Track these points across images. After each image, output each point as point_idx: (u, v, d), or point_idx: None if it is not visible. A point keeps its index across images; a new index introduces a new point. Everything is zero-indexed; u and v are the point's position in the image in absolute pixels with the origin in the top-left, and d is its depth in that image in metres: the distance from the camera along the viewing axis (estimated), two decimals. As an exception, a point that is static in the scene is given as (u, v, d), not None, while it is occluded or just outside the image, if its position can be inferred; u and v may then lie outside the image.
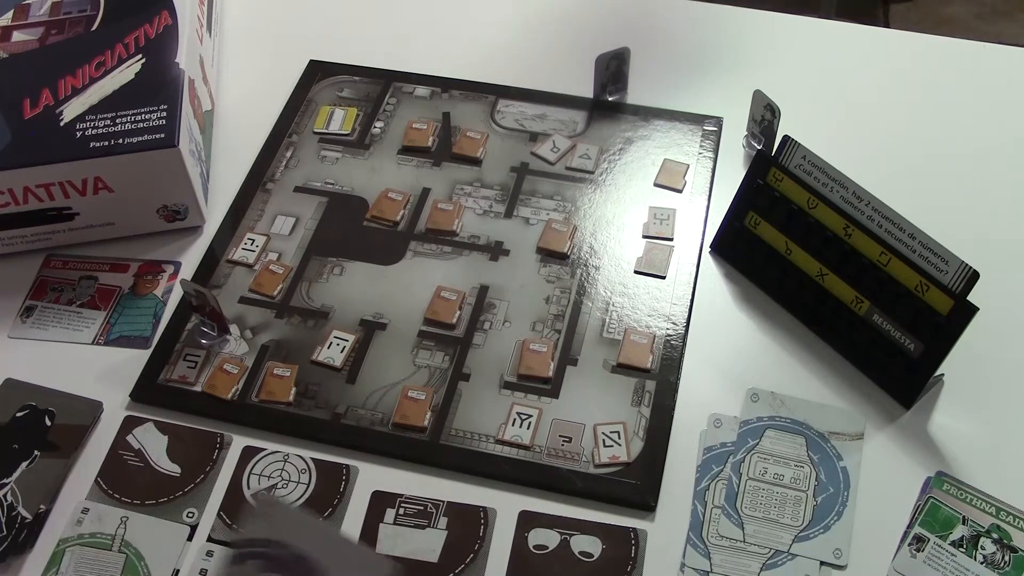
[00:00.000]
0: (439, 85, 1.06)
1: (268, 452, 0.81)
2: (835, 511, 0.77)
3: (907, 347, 0.81)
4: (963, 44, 1.10)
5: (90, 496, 0.79)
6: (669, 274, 0.91)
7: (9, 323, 0.89)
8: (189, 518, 0.78)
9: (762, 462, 0.79)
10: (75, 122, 0.89)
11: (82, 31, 0.97)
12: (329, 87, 1.07)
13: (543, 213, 0.95)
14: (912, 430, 0.82)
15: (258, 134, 1.02)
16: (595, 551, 0.76)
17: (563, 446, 0.81)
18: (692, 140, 1.00)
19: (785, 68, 1.07)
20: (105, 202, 0.90)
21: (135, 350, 0.87)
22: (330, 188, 0.98)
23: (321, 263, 0.92)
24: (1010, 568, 0.73)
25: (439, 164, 1.00)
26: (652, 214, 0.95)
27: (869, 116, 1.03)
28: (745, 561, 0.75)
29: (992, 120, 1.02)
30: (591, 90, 1.04)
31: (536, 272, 0.91)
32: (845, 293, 0.84)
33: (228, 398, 0.84)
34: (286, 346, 0.87)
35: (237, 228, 0.95)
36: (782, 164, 0.85)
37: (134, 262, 0.93)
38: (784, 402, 0.82)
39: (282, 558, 0.63)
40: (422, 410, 0.83)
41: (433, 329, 0.88)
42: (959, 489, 0.77)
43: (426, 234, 0.94)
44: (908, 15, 2.22)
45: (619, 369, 0.85)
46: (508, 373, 0.85)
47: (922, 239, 0.78)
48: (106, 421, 0.83)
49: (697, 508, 0.77)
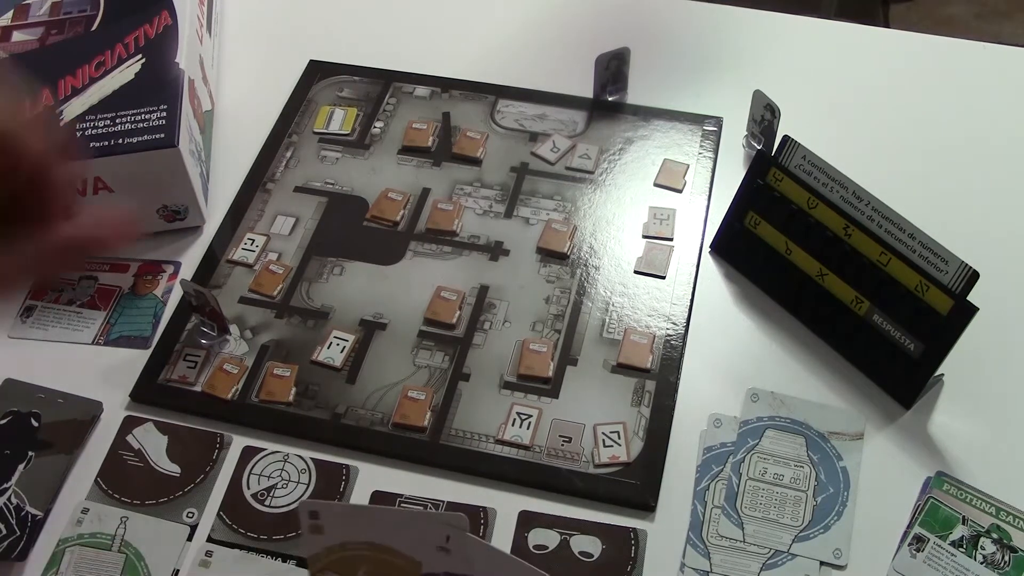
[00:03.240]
0: (439, 85, 1.06)
1: (268, 452, 0.81)
2: (835, 511, 0.77)
3: (907, 347, 0.81)
4: (963, 44, 1.10)
5: (90, 496, 0.79)
6: (669, 274, 0.91)
7: (9, 323, 0.89)
8: (189, 518, 0.78)
9: (762, 462, 0.79)
10: (75, 122, 0.89)
11: (82, 31, 0.97)
12: (329, 87, 1.07)
13: (543, 213, 0.95)
14: (912, 430, 0.82)
15: (258, 134, 1.02)
16: (595, 551, 0.76)
17: (563, 446, 0.81)
18: (692, 140, 1.00)
19: (785, 68, 1.07)
20: (105, 202, 0.90)
21: (135, 350, 0.87)
22: (330, 188, 0.98)
23: (321, 263, 0.92)
24: (1010, 568, 0.73)
25: (439, 164, 1.00)
26: (652, 214, 0.95)
27: (869, 116, 1.03)
28: (745, 561, 0.75)
29: (992, 120, 1.02)
30: (591, 90, 1.04)
31: (536, 272, 0.91)
32: (845, 293, 0.84)
33: (228, 398, 0.84)
34: (286, 346, 0.87)
35: (237, 228, 0.95)
36: (782, 164, 0.85)
37: (134, 262, 0.93)
38: (784, 402, 0.82)
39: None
40: (422, 410, 0.83)
41: (433, 329, 0.88)
42: (959, 489, 0.77)
43: (426, 234, 0.94)
44: (908, 15, 2.22)
45: (619, 369, 0.85)
46: (508, 373, 0.85)
47: (922, 239, 0.78)
48: (106, 421, 0.83)
49: (697, 508, 0.77)
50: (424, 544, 0.60)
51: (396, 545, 0.61)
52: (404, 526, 0.61)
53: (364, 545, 0.62)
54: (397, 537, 0.61)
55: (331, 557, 0.63)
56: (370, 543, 0.62)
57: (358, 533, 0.62)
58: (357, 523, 0.62)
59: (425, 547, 0.60)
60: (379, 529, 0.62)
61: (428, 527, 0.60)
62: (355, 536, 0.62)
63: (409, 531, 0.61)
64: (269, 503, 0.79)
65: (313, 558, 0.64)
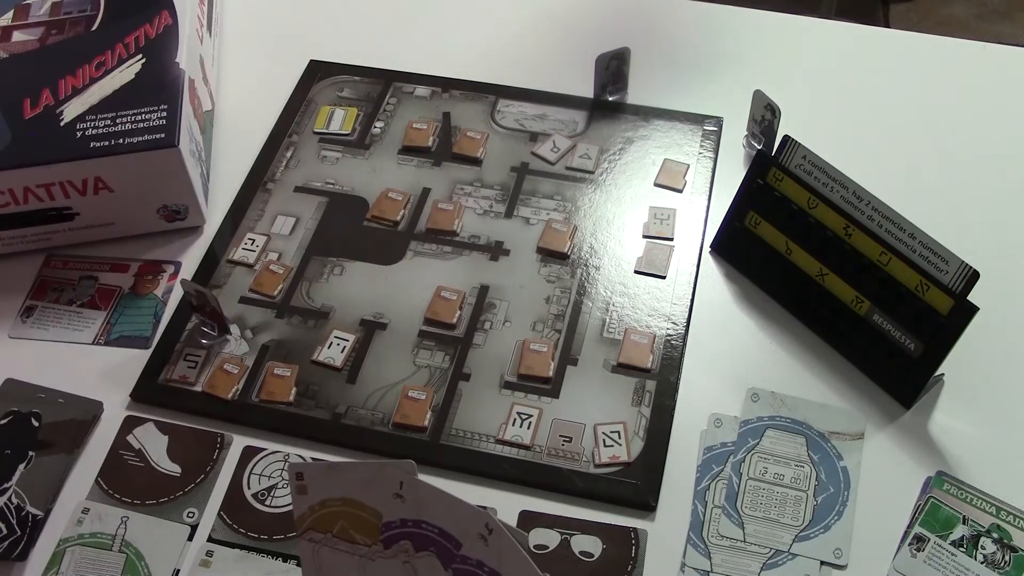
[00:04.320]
0: (439, 85, 1.06)
1: (268, 452, 0.81)
2: (835, 511, 0.77)
3: (907, 347, 0.81)
4: (963, 44, 1.10)
5: (90, 496, 0.79)
6: (669, 274, 0.91)
7: (9, 323, 0.89)
8: (189, 518, 0.78)
9: (762, 462, 0.79)
10: (75, 122, 0.89)
11: (82, 31, 0.97)
12: (329, 87, 1.07)
13: (543, 213, 0.95)
14: (912, 430, 0.82)
15: (258, 134, 1.02)
16: (595, 551, 0.76)
17: (563, 446, 0.81)
18: (692, 140, 1.00)
19: (785, 68, 1.07)
20: (105, 202, 0.91)
21: (135, 350, 0.87)
22: (330, 188, 0.98)
23: (321, 263, 0.92)
24: (1010, 568, 0.73)
25: (439, 164, 1.00)
26: (652, 214, 0.95)
27: (869, 116, 1.03)
28: (745, 561, 0.75)
29: (992, 120, 1.02)
30: (591, 90, 1.04)
31: (536, 272, 0.91)
32: (845, 293, 0.84)
33: (228, 398, 0.84)
34: (286, 346, 0.87)
35: (237, 228, 0.95)
36: (782, 164, 0.85)
37: (134, 262, 0.93)
38: (784, 402, 0.82)
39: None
40: (422, 410, 0.83)
41: (433, 329, 0.88)
42: (959, 489, 0.77)
43: (426, 234, 0.94)
44: (908, 15, 2.22)
45: (619, 369, 0.85)
46: (508, 373, 0.85)
47: (922, 239, 0.78)
48: (106, 421, 0.83)
49: (697, 508, 0.77)
50: (384, 494, 0.62)
51: (363, 499, 0.63)
52: (369, 479, 0.63)
53: (340, 501, 0.64)
54: (364, 491, 0.63)
55: (314, 516, 0.65)
56: (344, 498, 0.64)
57: (335, 489, 0.64)
58: (334, 480, 0.64)
59: (385, 497, 0.63)
60: (351, 484, 0.64)
61: (385, 477, 0.62)
62: (333, 493, 0.64)
63: (373, 484, 0.63)
64: (269, 503, 0.79)
65: (300, 519, 0.65)
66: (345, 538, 0.65)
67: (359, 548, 0.65)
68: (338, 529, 0.65)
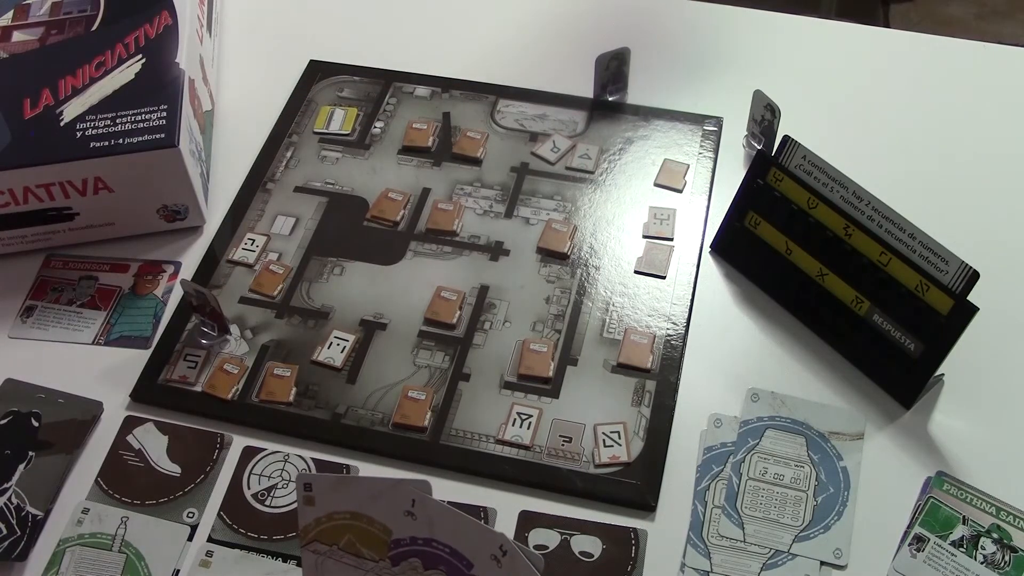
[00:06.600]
0: (439, 85, 1.06)
1: (268, 452, 0.81)
2: (835, 511, 0.77)
3: (907, 347, 0.81)
4: (963, 44, 1.10)
5: (90, 496, 0.79)
6: (669, 274, 0.91)
7: (9, 323, 0.89)
8: (189, 518, 0.78)
9: (762, 462, 0.79)
10: (75, 122, 0.89)
11: (82, 31, 0.97)
12: (329, 87, 1.07)
13: (543, 213, 0.95)
14: (912, 430, 0.82)
15: (258, 134, 1.02)
16: (595, 551, 0.76)
17: (563, 446, 0.81)
18: (692, 140, 1.00)
19: (785, 68, 1.07)
20: (105, 202, 0.91)
21: (135, 350, 0.87)
22: (330, 188, 0.98)
23: (321, 263, 0.92)
24: (1010, 568, 0.73)
25: (439, 164, 1.00)
26: (652, 214, 0.95)
27: (869, 116, 1.03)
28: (745, 561, 0.75)
29: (992, 120, 1.02)
30: (591, 90, 1.04)
31: (536, 272, 0.91)
32: (845, 293, 0.84)
33: (228, 398, 0.84)
34: (286, 346, 0.87)
35: (237, 228, 0.95)
36: (782, 164, 0.85)
37: (134, 262, 0.93)
38: (784, 402, 0.82)
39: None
40: (422, 410, 0.83)
41: (433, 329, 0.88)
42: (959, 489, 0.77)
43: (426, 234, 0.94)
44: (908, 15, 2.22)
45: (619, 369, 0.85)
46: (508, 373, 0.85)
47: (922, 239, 0.78)
48: (106, 421, 0.83)
49: (697, 508, 0.77)
50: (394, 511, 0.62)
51: (373, 514, 0.63)
52: (380, 495, 0.63)
53: (348, 514, 0.64)
54: (374, 506, 0.63)
55: (319, 528, 0.65)
56: (352, 512, 0.64)
57: (343, 503, 0.64)
58: (343, 493, 0.64)
59: (395, 514, 0.63)
60: (360, 498, 0.64)
61: (397, 494, 0.62)
62: (342, 506, 0.64)
63: (384, 500, 0.63)
64: (269, 503, 0.79)
65: (304, 530, 0.65)
66: (352, 552, 0.65)
67: (366, 563, 0.64)
68: (345, 543, 0.65)
